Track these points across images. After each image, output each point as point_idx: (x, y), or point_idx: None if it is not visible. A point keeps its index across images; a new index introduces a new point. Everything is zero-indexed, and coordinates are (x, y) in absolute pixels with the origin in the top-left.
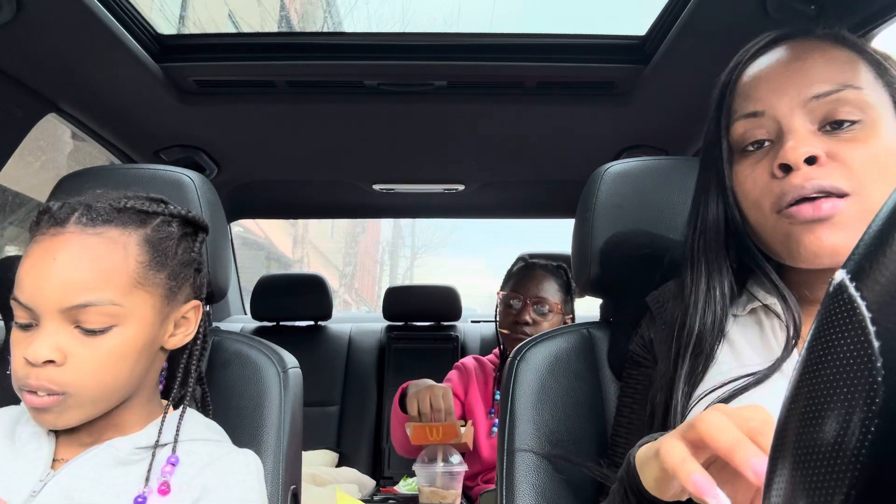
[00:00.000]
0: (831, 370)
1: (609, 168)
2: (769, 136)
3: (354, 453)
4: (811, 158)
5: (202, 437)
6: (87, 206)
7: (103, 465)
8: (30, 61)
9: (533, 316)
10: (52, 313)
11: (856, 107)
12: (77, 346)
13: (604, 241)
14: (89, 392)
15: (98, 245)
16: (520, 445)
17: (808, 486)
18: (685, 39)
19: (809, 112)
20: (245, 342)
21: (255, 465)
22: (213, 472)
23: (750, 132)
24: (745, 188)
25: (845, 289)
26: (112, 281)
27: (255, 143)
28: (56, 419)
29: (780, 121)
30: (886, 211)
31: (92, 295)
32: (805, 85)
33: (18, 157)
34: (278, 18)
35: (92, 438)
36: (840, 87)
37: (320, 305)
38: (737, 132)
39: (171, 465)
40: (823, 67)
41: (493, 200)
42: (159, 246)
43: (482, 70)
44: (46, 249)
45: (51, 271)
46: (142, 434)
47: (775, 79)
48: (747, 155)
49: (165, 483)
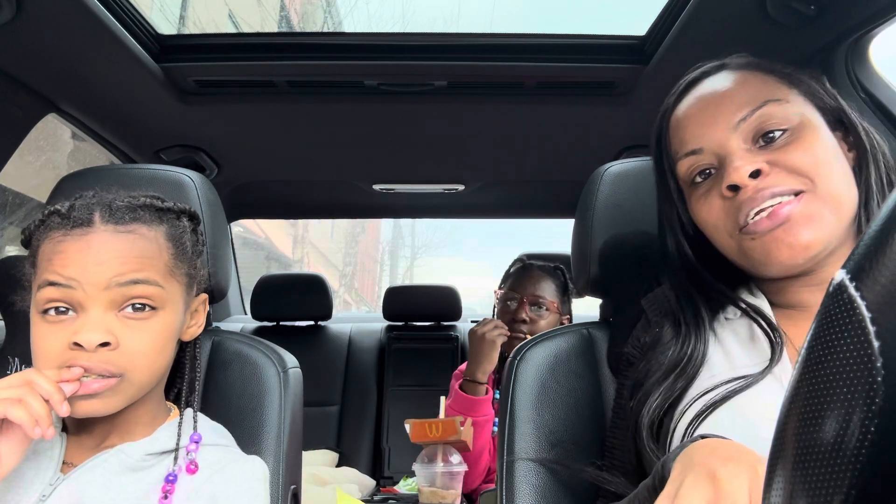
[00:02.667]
0: (831, 370)
1: (609, 168)
2: (712, 165)
3: (354, 453)
4: (755, 172)
5: (211, 442)
6: (105, 206)
7: (113, 471)
8: (30, 61)
9: (530, 314)
10: (100, 295)
11: (781, 117)
12: (125, 330)
13: (603, 241)
14: (141, 375)
15: (135, 240)
16: (520, 445)
17: (808, 485)
18: (685, 39)
19: (741, 134)
20: (245, 342)
21: (262, 473)
22: (222, 479)
23: (694, 167)
24: (702, 216)
25: (845, 289)
26: (154, 266)
27: (255, 143)
28: (105, 404)
29: (717, 151)
30: (886, 211)
31: (140, 274)
32: (730, 113)
33: (18, 157)
34: (278, 18)
35: (97, 441)
36: (761, 104)
37: (320, 305)
38: (682, 170)
39: (195, 444)
40: (741, 92)
41: (493, 200)
42: (180, 240)
43: (482, 70)
44: (86, 243)
45: (96, 256)
46: (152, 440)
47: (701, 116)
48: (697, 186)
49: (193, 462)
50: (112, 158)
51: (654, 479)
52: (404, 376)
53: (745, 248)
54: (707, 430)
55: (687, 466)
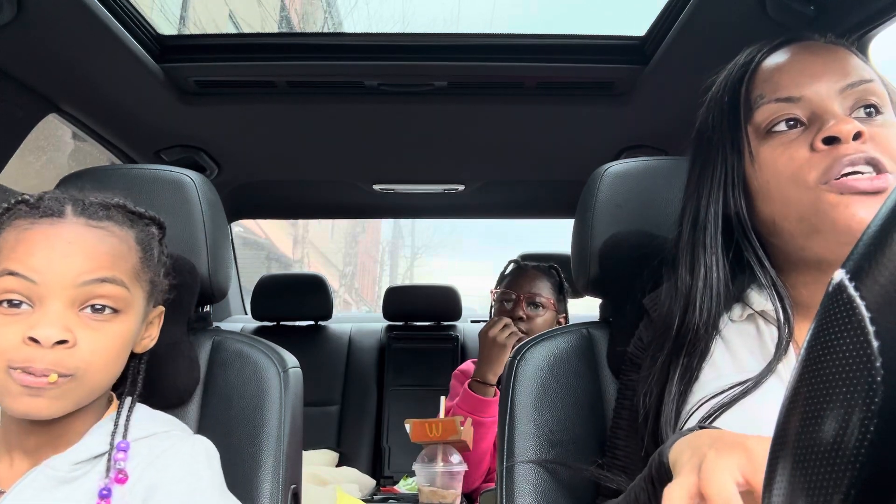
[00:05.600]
0: (830, 370)
1: (609, 168)
2: (802, 117)
3: (354, 453)
4: (857, 133)
5: (145, 434)
6: (78, 201)
7: (43, 487)
8: (31, 62)
9: (527, 311)
10: (62, 291)
11: (881, 99)
12: (84, 329)
13: (603, 242)
14: (93, 379)
15: (105, 236)
16: (520, 445)
17: (808, 485)
18: (685, 40)
19: (843, 99)
20: (245, 342)
21: (203, 452)
22: (155, 469)
23: (780, 114)
24: (778, 166)
25: (844, 289)
26: (122, 266)
27: (255, 144)
28: (49, 405)
29: (816, 105)
30: (886, 211)
31: (108, 272)
32: (839, 75)
33: (19, 157)
34: (279, 19)
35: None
36: (869, 79)
37: (320, 305)
38: (761, 115)
39: (122, 452)
40: (850, 62)
41: (493, 200)
42: (148, 245)
43: (482, 70)
44: (54, 233)
45: (65, 250)
46: (79, 448)
47: (807, 66)
48: (776, 135)
49: (121, 471)
50: (112, 158)
51: (650, 469)
52: (404, 376)
53: (823, 203)
54: None
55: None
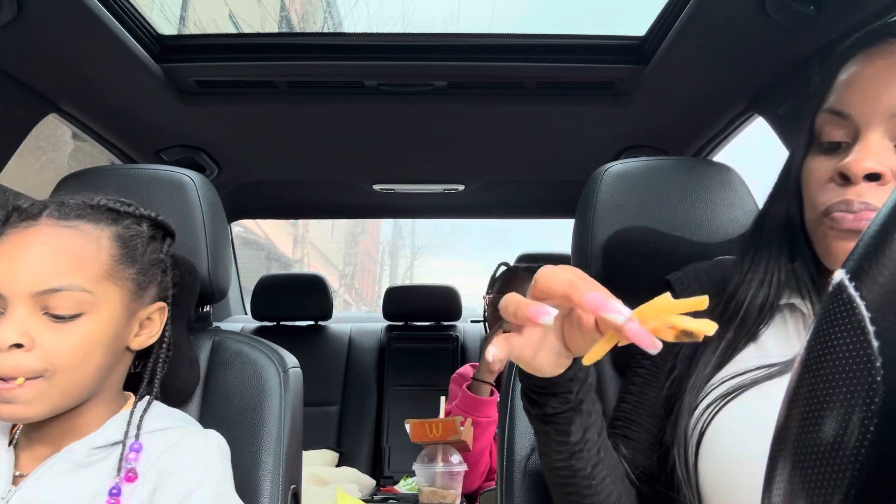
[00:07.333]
0: (831, 370)
1: (609, 168)
2: (847, 138)
3: (354, 453)
4: (873, 175)
5: (162, 427)
6: (59, 203)
7: (62, 472)
8: (31, 61)
9: None
10: (22, 298)
11: None
12: (45, 332)
13: (603, 242)
14: (64, 379)
15: (71, 236)
16: (520, 444)
17: (808, 485)
18: (685, 40)
19: (891, 127)
20: (245, 342)
21: (216, 445)
22: (169, 457)
23: (829, 131)
24: (809, 182)
25: (844, 289)
26: (84, 269)
27: (255, 143)
28: (24, 409)
29: (860, 127)
30: (886, 211)
31: (64, 280)
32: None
33: (19, 157)
34: (278, 19)
35: (49, 448)
36: None
37: (320, 305)
38: (818, 123)
39: (134, 452)
40: None
41: (493, 200)
42: (130, 242)
43: (482, 70)
44: (20, 239)
45: (23, 257)
46: (97, 435)
47: (871, 83)
48: (820, 151)
49: (132, 470)
50: (112, 158)
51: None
52: (404, 376)
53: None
54: (733, 411)
55: None
